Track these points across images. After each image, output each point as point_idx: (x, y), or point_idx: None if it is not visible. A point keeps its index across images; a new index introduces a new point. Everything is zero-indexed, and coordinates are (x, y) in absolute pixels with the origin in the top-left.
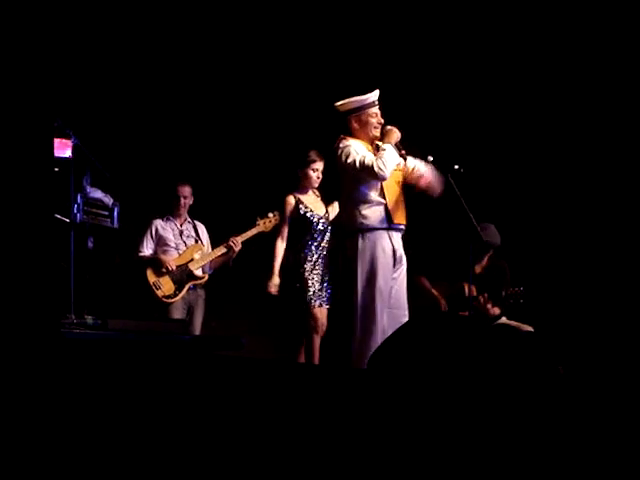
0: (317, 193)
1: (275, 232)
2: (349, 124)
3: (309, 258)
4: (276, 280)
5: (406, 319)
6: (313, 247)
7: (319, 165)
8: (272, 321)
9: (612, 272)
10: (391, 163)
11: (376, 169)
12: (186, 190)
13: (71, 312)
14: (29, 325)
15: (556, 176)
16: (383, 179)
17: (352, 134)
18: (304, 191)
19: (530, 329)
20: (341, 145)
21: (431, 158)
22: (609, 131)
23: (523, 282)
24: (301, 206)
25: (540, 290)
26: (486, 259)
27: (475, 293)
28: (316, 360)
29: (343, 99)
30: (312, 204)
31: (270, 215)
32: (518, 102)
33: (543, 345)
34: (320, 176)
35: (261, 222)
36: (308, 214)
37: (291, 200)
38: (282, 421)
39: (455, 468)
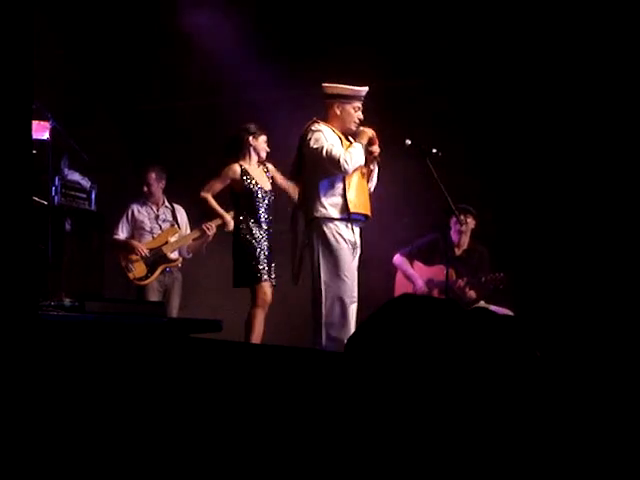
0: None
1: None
2: (329, 109)
3: (255, 232)
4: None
5: (355, 307)
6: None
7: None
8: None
9: (592, 258)
10: (357, 161)
11: (342, 161)
12: (151, 177)
13: (48, 294)
14: (6, 308)
15: (535, 159)
16: (345, 173)
17: (328, 120)
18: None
19: (508, 312)
20: (312, 128)
21: (409, 142)
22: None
23: (502, 267)
24: (246, 177)
25: (519, 275)
26: (467, 243)
27: (454, 277)
28: (258, 335)
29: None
30: (257, 176)
31: None
32: (496, 85)
33: (520, 328)
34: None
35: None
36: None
37: (236, 168)
38: (259, 405)
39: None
